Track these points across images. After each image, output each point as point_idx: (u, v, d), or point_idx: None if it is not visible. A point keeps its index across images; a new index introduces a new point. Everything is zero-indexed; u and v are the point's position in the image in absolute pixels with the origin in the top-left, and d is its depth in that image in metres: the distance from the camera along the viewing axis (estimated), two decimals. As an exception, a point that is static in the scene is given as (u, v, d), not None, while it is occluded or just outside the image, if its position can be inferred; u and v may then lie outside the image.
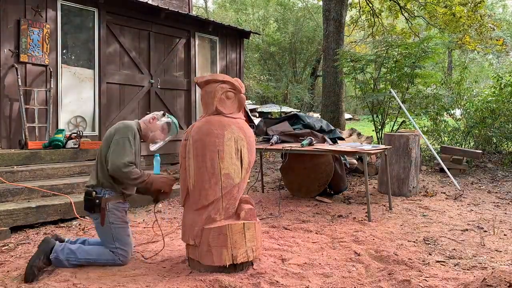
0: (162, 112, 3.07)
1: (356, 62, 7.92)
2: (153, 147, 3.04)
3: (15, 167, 4.47)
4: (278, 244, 3.15)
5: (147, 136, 2.94)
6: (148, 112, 6.94)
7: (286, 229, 3.65)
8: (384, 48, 7.70)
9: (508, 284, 1.87)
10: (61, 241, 2.82)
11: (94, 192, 2.72)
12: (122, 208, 2.80)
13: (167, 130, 3.01)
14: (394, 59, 7.55)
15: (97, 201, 2.70)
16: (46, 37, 5.57)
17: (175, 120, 3.09)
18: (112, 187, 2.76)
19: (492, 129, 7.50)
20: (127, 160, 2.64)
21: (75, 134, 5.23)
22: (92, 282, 2.42)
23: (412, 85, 7.78)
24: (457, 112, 8.53)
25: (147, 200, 4.61)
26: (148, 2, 6.73)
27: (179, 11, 7.36)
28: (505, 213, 4.32)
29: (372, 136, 7.85)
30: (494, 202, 4.82)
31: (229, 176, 2.56)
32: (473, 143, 7.99)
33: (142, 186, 2.78)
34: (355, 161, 6.39)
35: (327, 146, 4.55)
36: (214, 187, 2.53)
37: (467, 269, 2.70)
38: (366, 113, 10.90)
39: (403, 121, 8.03)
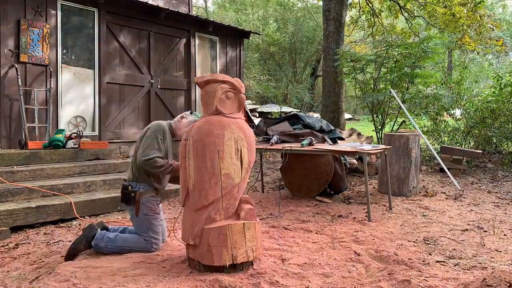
0: (190, 110, 3.38)
1: (356, 62, 7.92)
2: None
3: (15, 167, 4.47)
4: (278, 244, 3.15)
5: (177, 134, 3.20)
6: (148, 112, 6.96)
7: (286, 229, 3.65)
8: (384, 48, 7.69)
9: (508, 284, 1.87)
10: (105, 228, 3.12)
11: (130, 186, 3.01)
12: (154, 201, 3.07)
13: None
14: (394, 59, 7.54)
15: (132, 194, 2.98)
16: (46, 37, 5.57)
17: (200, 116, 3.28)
18: (146, 181, 3.03)
19: (492, 129, 7.50)
20: (152, 153, 2.92)
21: (75, 134, 5.23)
22: (92, 282, 2.42)
23: (412, 85, 7.78)
24: (457, 112, 8.53)
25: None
26: (148, 2, 6.74)
27: (179, 11, 7.36)
28: (505, 213, 4.32)
29: (372, 136, 7.85)
30: (494, 202, 4.82)
31: (229, 176, 2.56)
32: (473, 143, 7.99)
33: (171, 172, 3.03)
34: (355, 161, 6.38)
35: (327, 146, 4.55)
36: (214, 187, 2.53)
37: (467, 269, 2.70)
38: (366, 113, 10.90)
39: (403, 121, 8.03)
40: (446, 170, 5.90)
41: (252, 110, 15.00)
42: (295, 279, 2.50)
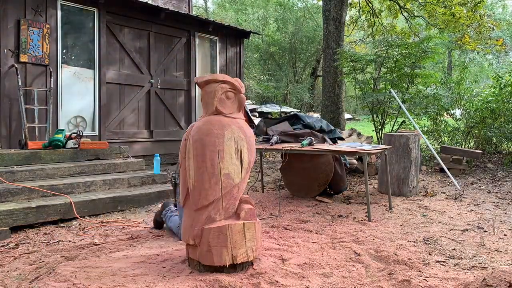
0: None
1: (356, 62, 7.92)
2: None
3: (15, 167, 4.47)
4: (278, 244, 3.15)
5: None
6: (148, 112, 6.96)
7: (286, 229, 3.65)
8: (384, 48, 7.69)
9: (508, 284, 1.87)
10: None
11: (173, 178, 3.43)
12: None
13: None
14: (394, 59, 7.54)
15: (175, 184, 3.40)
16: (46, 37, 5.57)
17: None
18: None
19: (492, 129, 7.50)
20: None
21: (75, 134, 5.23)
22: (92, 282, 2.42)
23: (412, 85, 7.78)
24: (457, 112, 8.53)
25: (147, 200, 4.62)
26: (148, 2, 6.74)
27: (179, 11, 7.36)
28: (505, 213, 4.32)
29: (372, 136, 7.85)
30: (494, 202, 4.82)
31: (229, 176, 2.56)
32: (473, 143, 8.00)
33: None
34: (355, 161, 6.39)
35: (327, 146, 4.55)
36: (214, 187, 2.53)
37: (467, 269, 2.70)
38: (366, 113, 10.90)
39: (403, 121, 8.03)
40: (446, 170, 5.90)
41: (252, 110, 15.01)
42: (295, 279, 2.50)
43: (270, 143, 4.66)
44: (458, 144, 7.79)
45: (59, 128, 5.68)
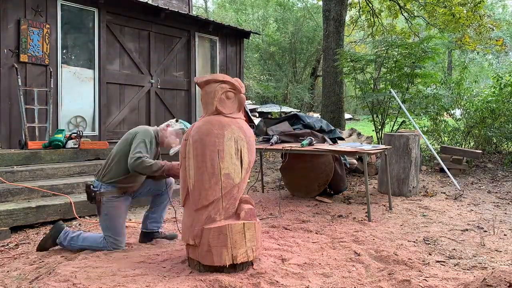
0: (175, 119, 3.35)
1: (356, 62, 7.92)
2: (171, 151, 3.29)
3: (15, 167, 4.47)
4: (278, 244, 3.15)
5: (163, 142, 3.20)
6: (148, 112, 6.96)
7: (286, 229, 3.65)
8: (384, 48, 7.69)
9: (508, 284, 1.87)
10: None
11: (91, 186, 3.05)
12: (117, 201, 3.06)
13: (181, 134, 3.21)
14: (394, 59, 7.54)
15: (93, 194, 3.01)
16: (46, 37, 5.57)
17: (187, 125, 3.27)
18: (111, 181, 3.03)
19: (492, 129, 7.50)
20: (140, 154, 2.93)
21: (75, 134, 5.23)
22: (92, 282, 2.42)
23: (412, 85, 7.78)
24: (457, 112, 8.53)
25: (147, 201, 4.61)
26: (148, 2, 6.74)
27: (179, 11, 7.36)
28: (505, 213, 4.32)
29: (372, 136, 7.85)
30: (494, 202, 4.82)
31: (229, 176, 2.56)
32: (473, 143, 8.00)
33: (160, 174, 3.02)
34: (355, 161, 6.39)
35: (327, 146, 4.55)
36: (214, 187, 2.53)
37: (467, 269, 2.70)
38: (366, 113, 10.90)
39: (403, 121, 8.03)
40: (446, 170, 5.90)
41: (252, 110, 15.01)
42: (295, 279, 2.50)
43: (270, 143, 4.66)
44: (458, 144, 7.79)
45: (59, 128, 5.68)
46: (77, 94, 6.03)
